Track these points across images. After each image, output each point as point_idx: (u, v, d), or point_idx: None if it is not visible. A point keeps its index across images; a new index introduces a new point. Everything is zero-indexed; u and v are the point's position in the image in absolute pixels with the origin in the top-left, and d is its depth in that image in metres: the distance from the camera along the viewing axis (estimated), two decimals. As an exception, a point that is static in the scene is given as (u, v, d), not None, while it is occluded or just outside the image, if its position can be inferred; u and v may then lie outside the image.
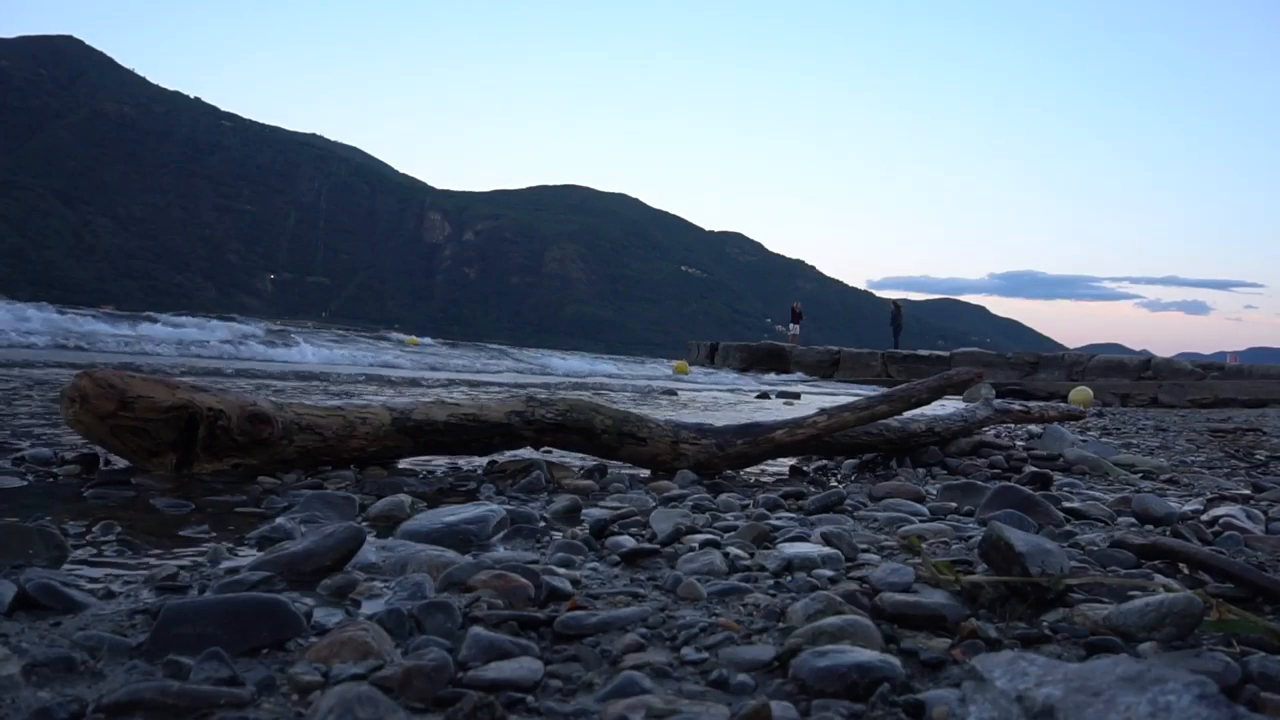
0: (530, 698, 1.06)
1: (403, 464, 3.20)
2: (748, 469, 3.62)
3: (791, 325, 34.82)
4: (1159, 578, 1.68)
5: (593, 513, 2.32)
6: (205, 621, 1.20)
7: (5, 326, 12.65)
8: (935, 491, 2.95)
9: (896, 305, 35.17)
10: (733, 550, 1.83)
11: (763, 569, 1.72)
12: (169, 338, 14.84)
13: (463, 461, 3.41)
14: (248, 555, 1.77)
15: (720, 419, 4.78)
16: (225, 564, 1.70)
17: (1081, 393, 13.98)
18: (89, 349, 12.13)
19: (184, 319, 20.41)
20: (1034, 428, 6.88)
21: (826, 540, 1.95)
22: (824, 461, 4.11)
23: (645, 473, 3.34)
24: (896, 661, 1.15)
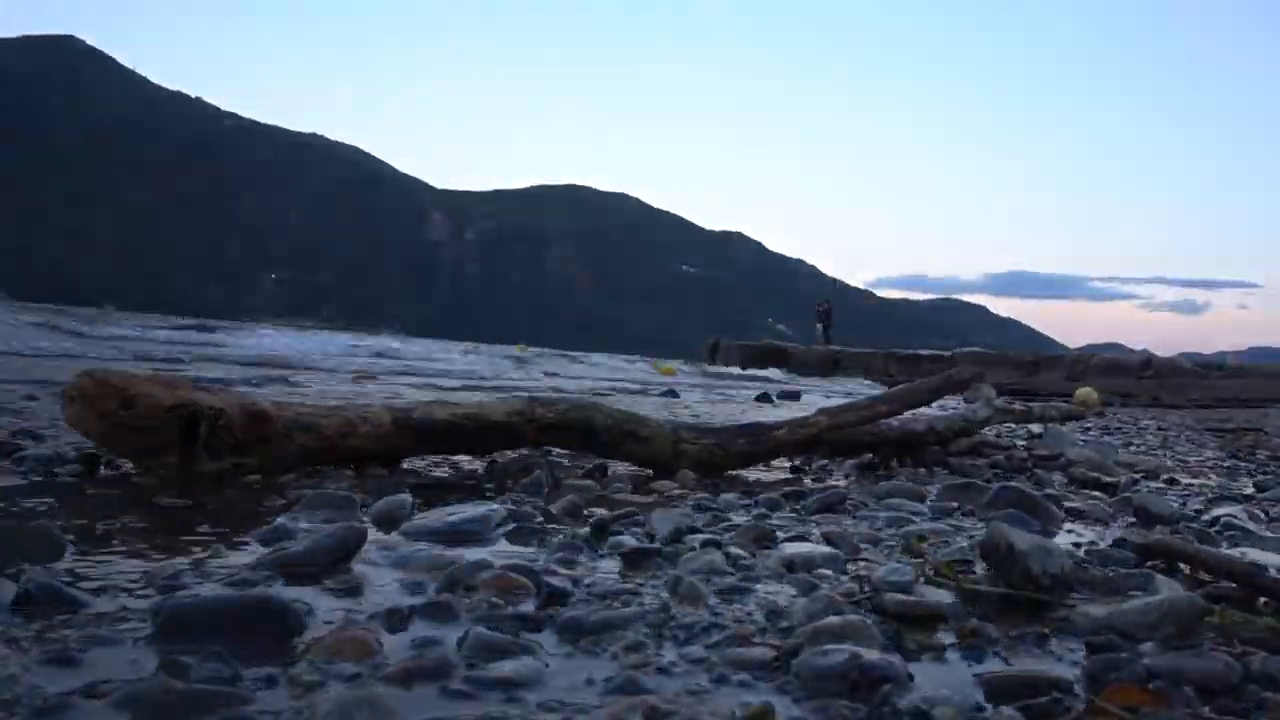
0: (531, 696, 1.06)
1: (403, 463, 3.20)
2: (749, 468, 3.61)
3: (818, 326, 34.13)
4: (1160, 577, 1.68)
5: (593, 512, 2.32)
6: (206, 621, 1.20)
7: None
8: (936, 491, 2.95)
9: (826, 304, 34.82)
10: (734, 550, 1.83)
11: (764, 568, 1.72)
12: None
13: (463, 461, 3.41)
14: (249, 555, 1.77)
15: (720, 418, 4.78)
16: (226, 563, 1.70)
17: (1087, 393, 14.00)
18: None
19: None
20: (1035, 427, 6.88)
21: (827, 540, 1.95)
22: (825, 461, 4.10)
23: (646, 472, 3.34)
24: (897, 661, 1.15)
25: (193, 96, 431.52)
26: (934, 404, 4.70)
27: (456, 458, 3.40)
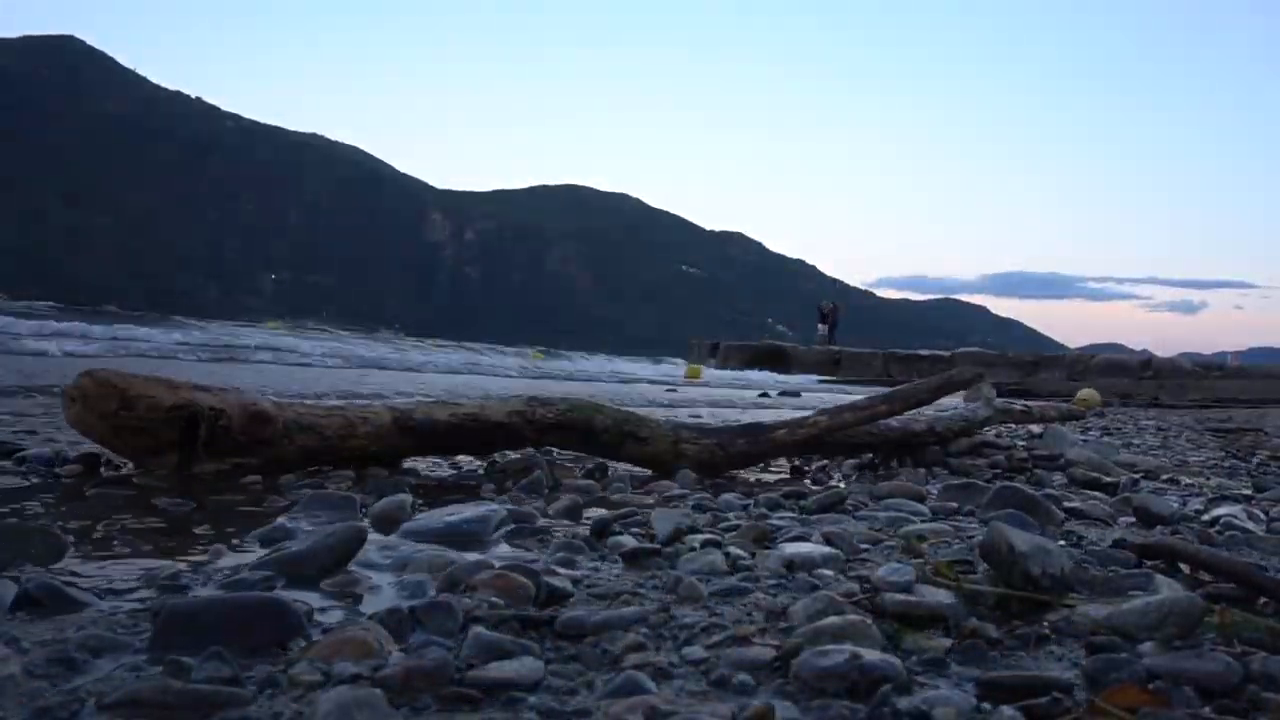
0: (531, 697, 1.06)
1: (404, 464, 3.20)
2: (749, 469, 3.62)
3: (820, 326, 34.07)
4: (1160, 578, 1.68)
5: (593, 512, 2.32)
6: (206, 621, 1.20)
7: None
8: (936, 491, 2.95)
9: (832, 305, 35.18)
10: (734, 550, 1.83)
11: (764, 568, 1.72)
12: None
13: (464, 461, 3.41)
14: (249, 555, 1.78)
15: (721, 418, 4.78)
16: (226, 563, 1.70)
17: (1089, 393, 14.09)
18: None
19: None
20: (1035, 427, 6.88)
21: (827, 540, 1.95)
22: (825, 461, 4.10)
23: (646, 472, 3.34)
24: (897, 661, 1.15)
25: (193, 96, 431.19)
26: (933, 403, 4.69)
27: (457, 458, 3.40)
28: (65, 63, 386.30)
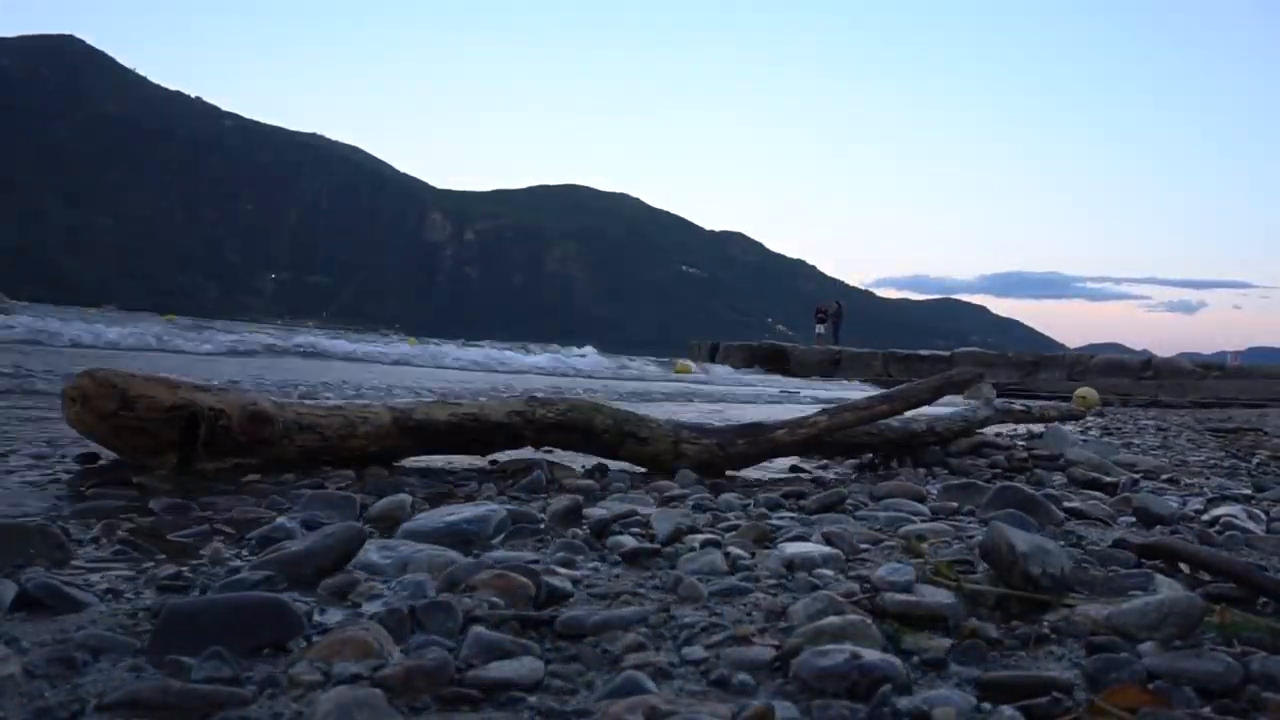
0: (531, 697, 1.06)
1: (404, 464, 3.20)
2: (748, 469, 3.61)
3: (817, 326, 34.20)
4: (1160, 578, 1.68)
5: (593, 512, 2.32)
6: (206, 621, 1.20)
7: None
8: (936, 491, 2.95)
9: (836, 304, 35.51)
10: (734, 550, 1.83)
11: (764, 568, 1.72)
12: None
13: (463, 461, 3.41)
14: (249, 555, 1.77)
15: (721, 418, 4.78)
16: (226, 563, 1.70)
17: (1087, 391, 14.12)
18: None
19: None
20: (1035, 427, 6.88)
21: (827, 540, 1.95)
22: (825, 461, 4.10)
23: (647, 472, 3.34)
24: (897, 661, 1.15)
25: (193, 96, 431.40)
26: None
27: (456, 457, 3.40)
28: (65, 63, 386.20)
